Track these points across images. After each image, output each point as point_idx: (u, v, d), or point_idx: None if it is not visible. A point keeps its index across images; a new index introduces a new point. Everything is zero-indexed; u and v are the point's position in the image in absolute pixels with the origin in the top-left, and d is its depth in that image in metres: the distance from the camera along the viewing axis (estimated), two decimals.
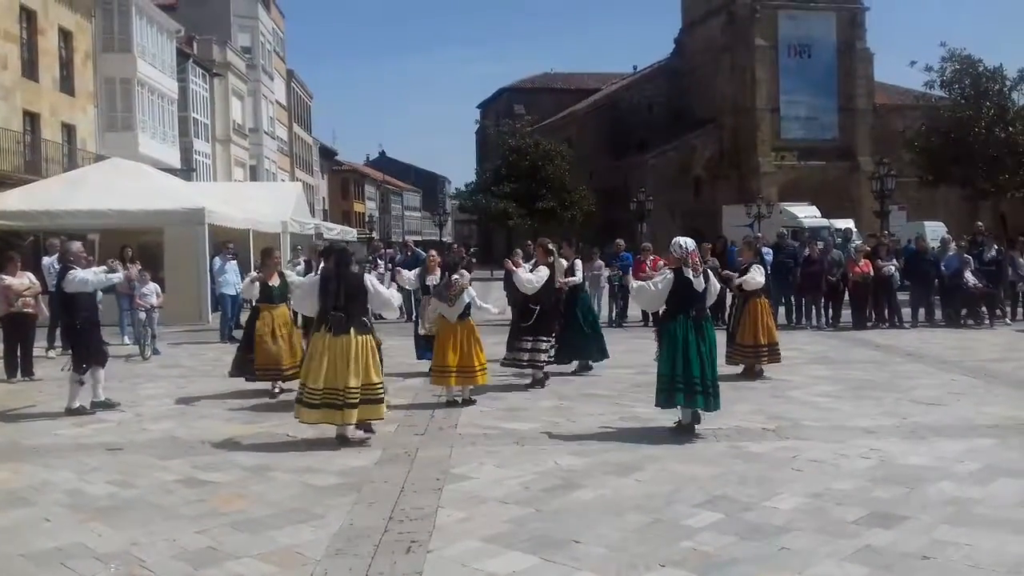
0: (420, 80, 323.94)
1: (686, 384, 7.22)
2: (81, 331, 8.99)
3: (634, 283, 8.11)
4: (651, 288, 7.65)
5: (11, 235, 17.65)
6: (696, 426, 7.36)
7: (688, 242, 7.66)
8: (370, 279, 7.43)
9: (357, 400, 6.91)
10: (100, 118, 31.05)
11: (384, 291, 7.64)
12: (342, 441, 7.05)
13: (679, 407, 7.38)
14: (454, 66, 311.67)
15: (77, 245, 9.41)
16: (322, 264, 7.89)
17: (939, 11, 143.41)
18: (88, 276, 9.00)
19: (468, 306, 8.94)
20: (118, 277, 9.38)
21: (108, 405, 9.02)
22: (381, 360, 7.39)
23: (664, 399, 7.40)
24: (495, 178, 51.67)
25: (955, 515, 5.17)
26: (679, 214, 54.70)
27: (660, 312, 7.99)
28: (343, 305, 7.03)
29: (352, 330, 6.99)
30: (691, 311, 7.42)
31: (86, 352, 8.91)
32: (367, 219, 77.98)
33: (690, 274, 7.41)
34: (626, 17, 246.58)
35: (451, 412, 8.57)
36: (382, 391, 7.13)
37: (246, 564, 4.54)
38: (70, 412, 8.69)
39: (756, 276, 10.58)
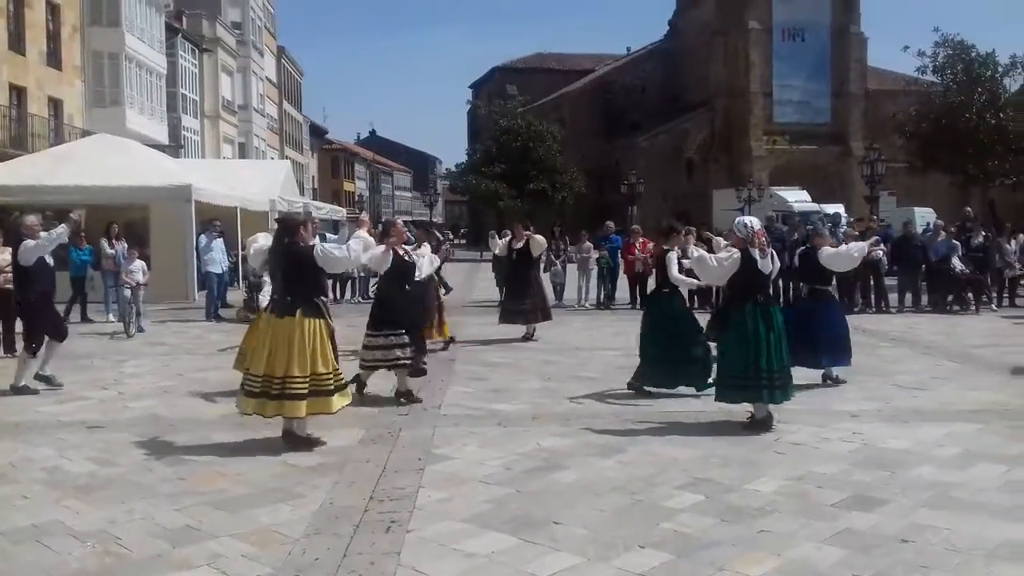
0: (412, 59, 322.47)
1: (752, 379, 6.79)
2: (34, 306, 8.81)
3: (695, 251, 7.47)
4: (712, 262, 7.15)
5: None
6: (772, 420, 6.91)
7: (753, 221, 7.20)
8: (320, 247, 6.51)
9: (305, 391, 6.17)
10: (87, 93, 30.76)
11: (337, 251, 6.60)
12: (287, 439, 6.38)
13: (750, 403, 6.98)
14: (446, 45, 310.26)
15: (31, 219, 9.05)
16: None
17: None
18: (37, 240, 8.73)
19: None
20: (62, 228, 9.19)
21: (50, 382, 8.75)
22: (335, 348, 6.55)
23: (723, 394, 7.01)
24: (486, 159, 51.52)
25: (935, 499, 5.18)
26: (670, 197, 54.74)
27: (710, 297, 7.52)
28: (289, 283, 6.35)
29: (298, 312, 6.23)
30: (759, 296, 6.97)
31: (39, 328, 8.75)
32: (357, 198, 77.75)
33: (757, 255, 6.92)
34: None
35: (435, 392, 8.54)
36: (330, 383, 6.31)
37: (224, 543, 4.52)
38: (15, 390, 8.46)
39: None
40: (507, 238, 13.32)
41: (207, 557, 4.33)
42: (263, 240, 7.03)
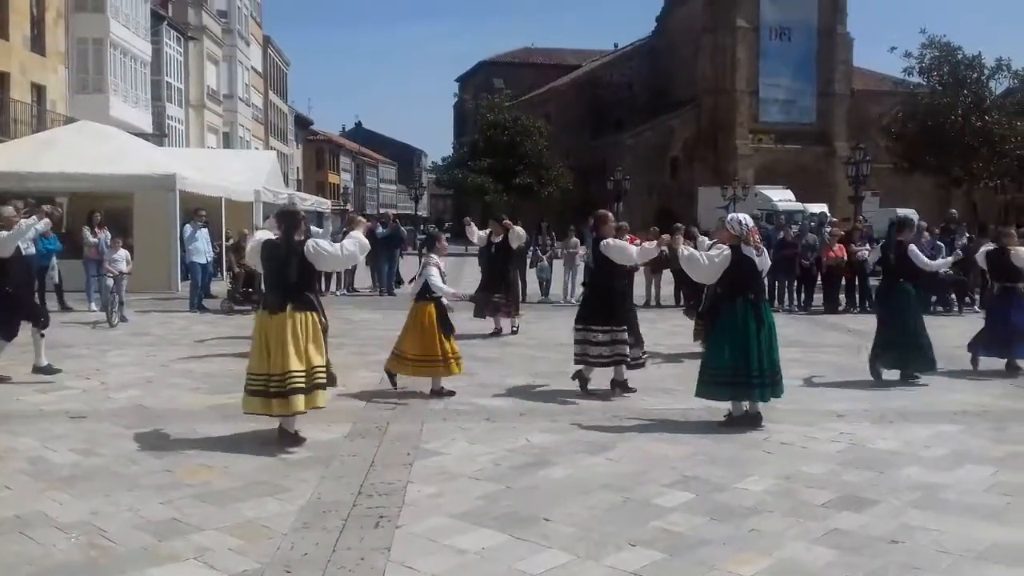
0: (398, 52, 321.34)
1: (742, 376, 6.74)
2: (13, 297, 8.69)
3: (685, 250, 7.38)
4: (703, 260, 7.11)
5: None
6: (760, 420, 6.92)
7: (747, 218, 7.15)
8: (313, 243, 6.40)
9: (303, 385, 6.11)
10: (71, 79, 30.40)
11: (332, 248, 6.53)
12: (284, 437, 6.24)
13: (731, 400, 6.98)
14: (434, 39, 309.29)
15: (8, 209, 8.95)
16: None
17: None
18: (11, 231, 8.59)
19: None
20: (33, 220, 9.03)
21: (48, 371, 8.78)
22: (326, 342, 6.57)
23: (707, 390, 6.96)
24: (472, 152, 51.36)
25: (923, 500, 5.19)
26: (656, 194, 54.89)
27: (699, 295, 7.59)
28: (282, 279, 6.28)
29: (289, 307, 6.16)
30: (749, 293, 6.90)
31: (22, 315, 8.72)
32: (342, 191, 77.45)
33: (752, 253, 6.86)
34: None
35: (423, 387, 8.49)
36: (323, 376, 6.32)
37: (210, 536, 4.47)
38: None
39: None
40: (487, 231, 13.33)
41: (194, 551, 4.28)
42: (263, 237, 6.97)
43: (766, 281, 14.34)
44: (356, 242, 6.55)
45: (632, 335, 8.27)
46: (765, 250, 7.17)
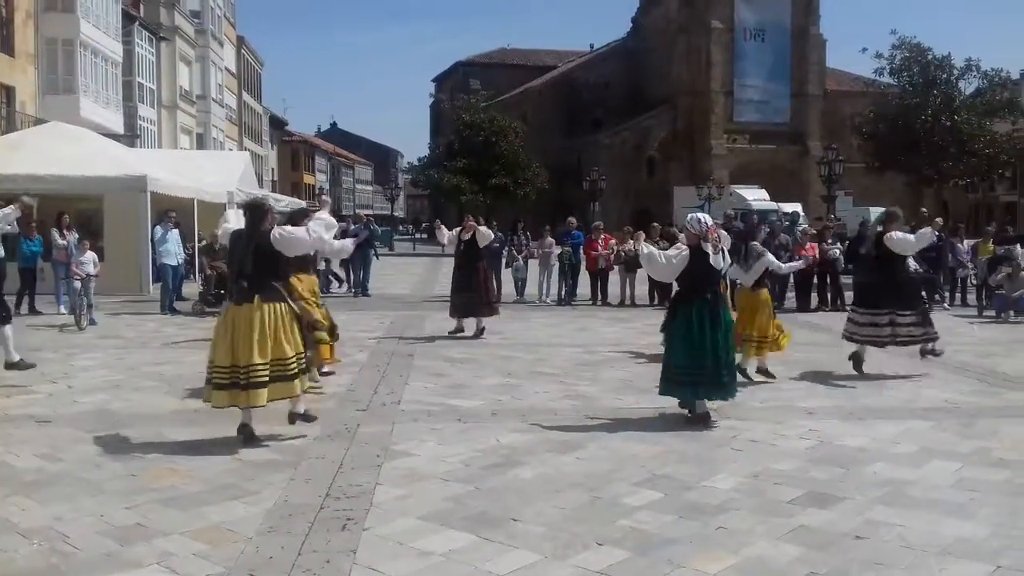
0: (374, 52, 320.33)
1: (697, 375, 6.84)
2: None
3: (645, 248, 7.41)
4: (660, 259, 7.15)
5: None
6: (710, 419, 6.97)
7: (706, 217, 7.20)
8: (279, 230, 6.33)
9: (265, 379, 6.04)
10: (40, 80, 30.02)
11: (299, 231, 6.42)
12: (243, 434, 6.22)
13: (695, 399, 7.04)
14: (410, 39, 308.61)
15: None
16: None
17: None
18: None
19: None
20: (10, 209, 8.97)
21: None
22: (303, 332, 6.39)
23: (668, 388, 7.04)
24: (448, 153, 51.31)
25: (889, 496, 5.23)
26: (632, 194, 55.06)
27: (670, 293, 7.71)
28: (250, 269, 6.16)
29: (256, 298, 6.09)
30: (707, 294, 6.95)
31: None
32: (317, 191, 77.11)
33: (709, 250, 6.90)
34: None
35: (395, 388, 8.47)
36: (294, 367, 6.19)
37: (175, 541, 4.42)
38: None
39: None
40: (457, 230, 13.24)
41: (157, 556, 4.23)
42: (234, 221, 6.89)
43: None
44: (322, 222, 6.44)
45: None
46: (724, 249, 7.22)
